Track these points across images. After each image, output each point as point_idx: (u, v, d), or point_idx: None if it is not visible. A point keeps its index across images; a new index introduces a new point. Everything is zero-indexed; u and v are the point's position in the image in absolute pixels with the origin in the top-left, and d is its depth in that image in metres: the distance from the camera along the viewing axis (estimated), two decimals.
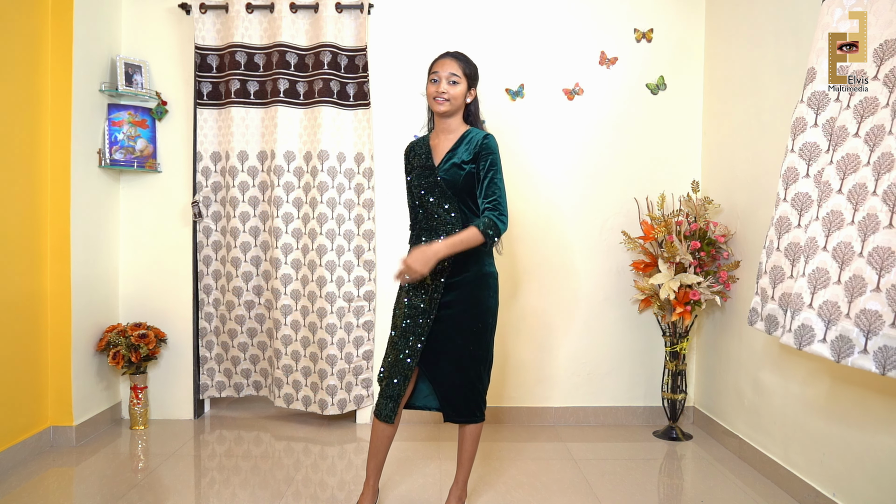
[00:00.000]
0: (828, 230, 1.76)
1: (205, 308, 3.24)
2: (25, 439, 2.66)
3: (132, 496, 2.34)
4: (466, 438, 2.13)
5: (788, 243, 1.97)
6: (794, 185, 1.97)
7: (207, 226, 3.20)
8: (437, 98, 2.03)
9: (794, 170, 1.98)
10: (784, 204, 2.01)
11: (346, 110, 3.11)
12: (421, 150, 2.14)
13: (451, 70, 2.03)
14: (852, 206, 1.69)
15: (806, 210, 1.92)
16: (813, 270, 1.77)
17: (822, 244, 1.76)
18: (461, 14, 3.18)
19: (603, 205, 3.22)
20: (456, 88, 2.04)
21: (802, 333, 1.78)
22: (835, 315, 1.70)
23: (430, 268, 1.91)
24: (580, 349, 3.26)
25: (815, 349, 1.74)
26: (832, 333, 1.70)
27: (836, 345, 1.68)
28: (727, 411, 2.93)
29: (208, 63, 3.13)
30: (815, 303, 1.76)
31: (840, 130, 1.78)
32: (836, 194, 1.75)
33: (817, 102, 1.92)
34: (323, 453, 2.84)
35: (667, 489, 2.53)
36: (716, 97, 3.10)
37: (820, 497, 2.19)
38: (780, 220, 2.02)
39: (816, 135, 1.91)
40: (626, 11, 3.19)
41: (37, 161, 2.74)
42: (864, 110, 1.71)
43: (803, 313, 1.79)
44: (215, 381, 3.28)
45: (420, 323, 2.04)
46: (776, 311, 2.01)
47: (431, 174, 2.07)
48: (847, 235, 1.69)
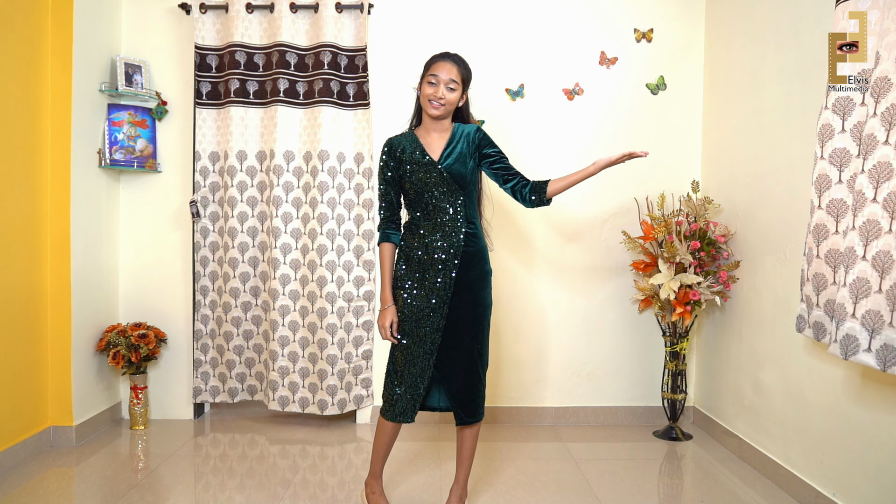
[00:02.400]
0: (866, 239, 1.76)
1: (201, 310, 3.22)
2: (25, 439, 2.66)
3: (132, 496, 2.34)
4: (468, 437, 2.14)
5: (828, 250, 1.97)
6: (828, 191, 1.97)
7: (205, 226, 3.20)
8: (434, 102, 2.03)
9: (826, 177, 1.98)
10: (819, 211, 2.00)
11: (345, 110, 3.11)
12: (410, 147, 2.09)
13: (451, 76, 2.03)
14: (889, 215, 1.69)
15: (842, 216, 1.92)
16: (854, 280, 1.77)
17: (861, 253, 1.76)
18: (461, 14, 3.18)
19: (603, 205, 3.22)
20: (453, 94, 2.04)
21: (848, 343, 1.78)
22: (878, 324, 1.70)
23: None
24: (580, 349, 3.26)
25: (861, 359, 1.74)
26: (877, 342, 1.70)
27: (882, 353, 1.69)
28: (727, 411, 2.93)
29: (208, 63, 3.13)
30: (857, 312, 1.76)
31: (869, 138, 1.77)
32: (871, 203, 1.75)
33: (843, 108, 1.92)
34: (322, 453, 2.84)
35: (667, 489, 2.53)
36: (716, 97, 3.10)
37: (820, 497, 2.19)
38: (816, 227, 2.02)
39: (845, 140, 1.91)
40: (626, 11, 3.19)
41: (37, 161, 2.74)
42: (892, 117, 1.71)
43: (847, 323, 1.79)
44: (209, 386, 3.24)
45: (433, 324, 2.03)
46: (823, 318, 2.01)
47: (434, 169, 2.05)
48: (886, 244, 1.70)
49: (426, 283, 2.04)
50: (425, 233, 2.06)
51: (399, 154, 2.10)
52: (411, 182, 2.07)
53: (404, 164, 2.08)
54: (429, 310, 2.03)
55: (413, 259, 2.07)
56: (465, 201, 2.07)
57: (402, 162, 2.09)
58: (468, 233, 2.07)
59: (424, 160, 2.06)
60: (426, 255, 2.05)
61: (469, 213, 2.08)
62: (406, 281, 2.08)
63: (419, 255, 2.06)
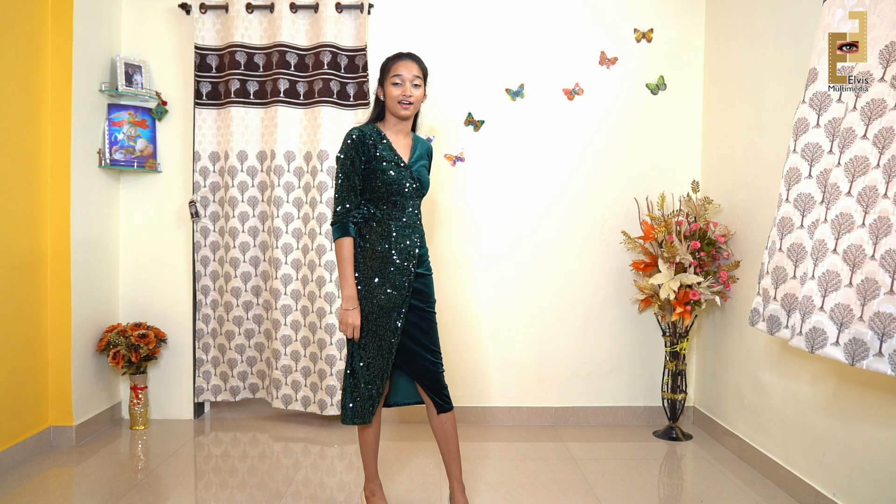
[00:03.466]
0: (837, 233, 1.75)
1: (202, 309, 3.23)
2: (25, 439, 2.66)
3: (132, 496, 2.34)
4: (451, 430, 2.13)
5: (791, 244, 1.97)
6: (797, 185, 1.97)
7: (205, 226, 3.20)
8: (403, 102, 2.04)
9: (797, 170, 1.98)
10: (786, 205, 2.01)
11: (346, 110, 3.11)
12: (380, 143, 2.05)
13: (414, 73, 2.05)
14: (863, 209, 1.69)
15: (809, 211, 1.92)
16: (823, 273, 1.76)
17: (832, 247, 1.75)
18: (461, 14, 3.18)
19: (603, 205, 3.22)
20: (418, 90, 2.07)
21: (815, 336, 1.77)
22: (847, 318, 1.69)
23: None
24: (580, 349, 3.26)
25: (829, 352, 1.74)
26: (845, 336, 1.69)
27: (850, 348, 1.68)
28: (727, 411, 2.93)
29: (208, 63, 3.13)
30: (826, 305, 1.75)
31: (847, 132, 1.77)
32: (844, 196, 1.74)
33: (819, 103, 1.92)
34: (322, 453, 2.84)
35: (667, 489, 2.53)
36: (716, 97, 3.10)
37: (820, 497, 2.19)
38: (782, 220, 2.02)
39: (819, 135, 1.91)
40: (626, 11, 3.19)
41: (37, 161, 2.74)
42: (871, 112, 1.70)
43: (815, 316, 1.78)
44: (211, 385, 3.26)
45: (394, 320, 2.04)
46: (778, 312, 2.01)
47: (405, 170, 2.07)
48: (858, 238, 1.68)
49: (390, 280, 2.04)
50: (390, 230, 2.05)
51: (371, 147, 2.04)
52: (383, 179, 2.03)
53: (379, 160, 2.03)
54: (391, 307, 2.04)
55: (377, 255, 2.04)
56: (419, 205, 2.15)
57: (377, 156, 2.04)
58: (422, 234, 2.15)
59: (395, 157, 2.06)
60: (390, 253, 2.04)
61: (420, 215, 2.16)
62: (372, 278, 2.03)
63: (383, 252, 2.04)
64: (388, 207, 2.06)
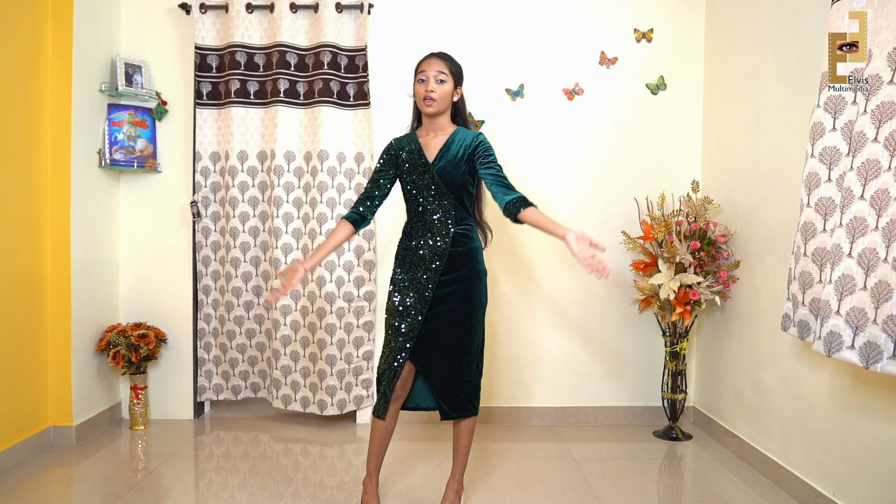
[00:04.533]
0: (852, 236, 1.75)
1: (203, 309, 3.23)
2: (25, 439, 2.66)
3: (132, 496, 2.34)
4: (462, 433, 2.18)
5: (815, 248, 1.97)
6: (817, 189, 1.97)
7: (206, 226, 3.20)
8: (427, 99, 2.06)
9: (816, 175, 1.98)
10: (808, 209, 2.01)
11: (345, 110, 3.11)
12: (410, 147, 2.15)
13: (438, 68, 2.07)
14: (875, 212, 1.69)
15: (830, 215, 1.92)
16: (839, 277, 1.77)
17: (847, 251, 1.76)
18: (461, 14, 3.18)
19: (603, 205, 3.22)
20: (443, 87, 2.07)
21: (831, 341, 1.78)
22: (862, 321, 1.70)
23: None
24: (580, 349, 3.26)
25: (844, 356, 1.74)
26: (860, 340, 1.70)
27: (865, 351, 1.68)
28: (727, 411, 2.93)
29: (208, 63, 3.13)
30: (842, 309, 1.76)
31: (859, 136, 1.77)
32: (858, 200, 1.74)
33: (834, 106, 1.92)
34: (322, 454, 2.84)
35: (667, 489, 2.53)
36: (716, 97, 3.10)
37: (820, 497, 2.19)
38: (805, 225, 2.02)
39: (836, 139, 1.91)
40: (626, 11, 3.19)
41: (37, 161, 2.74)
42: (882, 115, 1.71)
43: (831, 320, 1.79)
44: (213, 384, 3.27)
45: (410, 322, 2.07)
46: (807, 317, 2.01)
47: (427, 171, 2.09)
48: (871, 241, 1.69)
49: (415, 282, 2.09)
50: (417, 233, 2.13)
51: (396, 154, 2.16)
52: (406, 182, 2.14)
53: (402, 165, 2.14)
54: (410, 308, 2.07)
55: (406, 260, 2.14)
56: (456, 204, 2.11)
57: (400, 162, 2.15)
58: (458, 233, 2.10)
59: (420, 161, 2.11)
60: (416, 256, 2.11)
61: (460, 214, 2.12)
62: (400, 282, 2.13)
63: (411, 256, 2.13)
64: (416, 211, 2.14)
